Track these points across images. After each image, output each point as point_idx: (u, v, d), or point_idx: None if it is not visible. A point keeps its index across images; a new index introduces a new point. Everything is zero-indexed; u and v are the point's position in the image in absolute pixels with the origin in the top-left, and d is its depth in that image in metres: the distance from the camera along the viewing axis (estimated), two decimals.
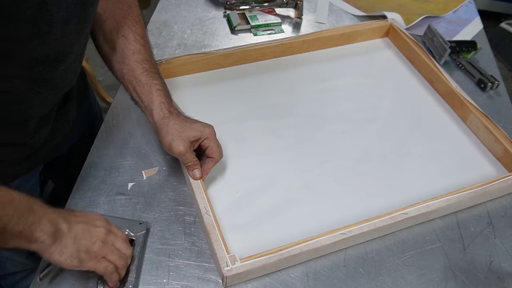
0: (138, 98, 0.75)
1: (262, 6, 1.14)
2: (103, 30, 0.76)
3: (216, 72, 0.98)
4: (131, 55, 0.75)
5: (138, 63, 0.75)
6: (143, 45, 0.77)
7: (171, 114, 0.72)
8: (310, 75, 1.00)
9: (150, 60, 0.77)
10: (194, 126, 0.72)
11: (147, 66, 0.75)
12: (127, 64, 0.75)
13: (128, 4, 0.78)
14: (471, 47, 1.05)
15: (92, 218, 0.62)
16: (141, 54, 0.76)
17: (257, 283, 0.66)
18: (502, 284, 0.68)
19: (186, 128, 0.71)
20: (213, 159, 0.74)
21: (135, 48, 0.75)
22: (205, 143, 0.73)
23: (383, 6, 1.20)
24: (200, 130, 0.72)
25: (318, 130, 0.88)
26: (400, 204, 0.73)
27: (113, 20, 0.76)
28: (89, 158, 0.80)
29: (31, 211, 0.54)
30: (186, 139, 0.70)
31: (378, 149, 0.85)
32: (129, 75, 0.75)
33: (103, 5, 0.76)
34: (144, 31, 0.79)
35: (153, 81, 0.74)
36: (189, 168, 0.72)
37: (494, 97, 0.97)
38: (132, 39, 0.76)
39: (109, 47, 0.76)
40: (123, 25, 0.76)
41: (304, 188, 0.78)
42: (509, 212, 0.77)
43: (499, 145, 0.83)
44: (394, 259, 0.70)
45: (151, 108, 0.73)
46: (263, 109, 0.91)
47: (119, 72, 0.76)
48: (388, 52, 1.07)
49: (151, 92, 0.73)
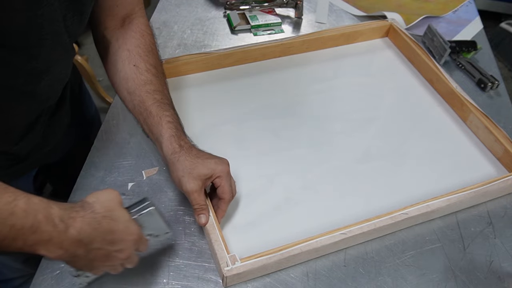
0: (149, 130, 0.71)
1: (262, 6, 1.14)
2: (114, 60, 0.74)
3: (216, 72, 0.98)
4: (142, 86, 0.72)
5: (149, 94, 0.71)
6: (155, 75, 0.74)
7: (182, 148, 0.67)
8: (310, 75, 1.00)
9: (162, 90, 0.73)
10: (206, 163, 0.67)
11: (158, 97, 0.71)
12: (138, 95, 0.71)
13: (141, 32, 0.76)
14: (471, 47, 1.05)
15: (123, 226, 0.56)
16: (153, 84, 0.72)
17: (257, 283, 0.66)
18: (502, 284, 0.68)
19: (197, 165, 0.66)
20: (224, 200, 0.69)
21: (146, 79, 0.72)
22: (217, 182, 0.68)
23: (383, 6, 1.20)
24: (212, 168, 0.67)
25: (318, 130, 0.88)
26: (400, 204, 0.73)
27: (125, 49, 0.74)
28: (89, 158, 0.80)
29: (36, 232, 0.49)
30: (197, 177, 0.66)
31: (378, 149, 0.85)
32: (139, 106, 0.71)
33: (115, 33, 0.75)
34: (157, 60, 0.76)
35: (164, 112, 0.70)
36: (195, 211, 0.67)
37: (494, 97, 0.97)
38: (144, 69, 0.73)
39: (121, 77, 0.73)
40: (135, 54, 0.73)
41: (304, 188, 0.78)
42: (509, 212, 0.77)
43: (499, 145, 0.83)
44: (394, 259, 0.70)
45: (161, 141, 0.68)
46: (263, 109, 0.91)
47: (130, 103, 0.73)
48: (388, 52, 1.07)
49: (161, 124, 0.69)
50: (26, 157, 0.75)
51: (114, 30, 0.75)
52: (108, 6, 0.73)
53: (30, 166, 0.81)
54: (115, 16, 0.74)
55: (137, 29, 0.76)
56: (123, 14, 0.75)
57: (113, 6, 0.74)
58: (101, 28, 0.75)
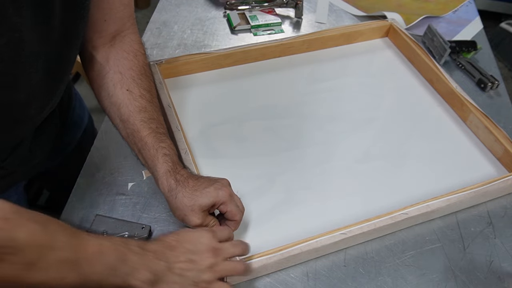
0: (144, 162, 0.68)
1: (262, 6, 1.14)
2: (105, 83, 0.69)
3: (216, 72, 0.98)
4: (136, 113, 0.68)
5: (145, 123, 0.67)
6: (150, 101, 0.70)
7: (178, 184, 0.64)
8: (310, 75, 1.00)
9: (157, 118, 0.70)
10: (206, 192, 0.63)
11: (153, 126, 0.68)
12: (132, 123, 0.68)
13: (134, 52, 0.71)
14: (471, 47, 1.05)
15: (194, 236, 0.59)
16: (148, 112, 0.69)
17: (257, 283, 0.66)
18: (502, 284, 0.68)
19: (197, 199, 0.63)
20: (236, 221, 0.66)
21: (141, 105, 0.68)
22: (222, 209, 0.65)
23: (383, 6, 1.20)
24: (213, 196, 0.63)
25: (318, 130, 0.88)
26: (400, 204, 0.73)
27: (117, 71, 0.69)
28: (89, 158, 0.80)
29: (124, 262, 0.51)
30: (199, 210, 0.63)
31: (378, 149, 0.85)
32: (134, 136, 0.68)
33: (105, 53, 0.70)
34: (151, 83, 0.72)
35: (160, 144, 0.67)
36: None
37: (494, 97, 0.97)
38: (138, 95, 0.69)
39: (112, 103, 0.69)
40: (128, 77, 0.69)
41: (304, 188, 0.78)
42: (509, 212, 0.77)
43: (499, 145, 0.83)
44: (394, 259, 0.70)
45: (157, 177, 0.66)
46: (263, 109, 0.91)
47: (123, 131, 0.69)
48: (388, 52, 1.07)
49: (157, 158, 0.65)
50: (13, 171, 0.72)
51: (103, 49, 0.70)
52: (95, 20, 0.67)
53: (18, 180, 0.77)
54: (103, 32, 0.69)
55: (129, 49, 0.71)
56: (113, 30, 0.70)
57: (101, 21, 0.68)
58: (89, 46, 0.70)
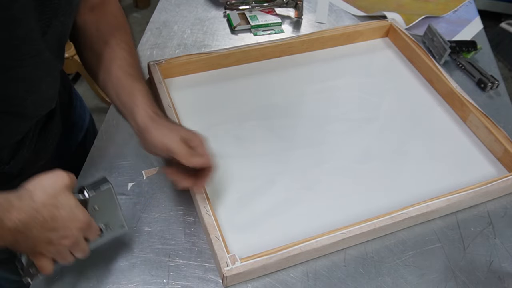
0: (121, 104, 0.70)
1: (262, 6, 1.14)
2: (88, 42, 0.73)
3: (216, 72, 0.98)
4: (114, 62, 0.71)
5: (122, 68, 0.70)
6: (128, 51, 0.73)
7: (158, 115, 0.67)
8: (310, 75, 1.00)
9: (135, 65, 0.73)
10: (185, 128, 0.68)
11: (131, 71, 0.71)
12: (110, 72, 0.70)
13: (114, 14, 0.76)
14: (471, 47, 1.05)
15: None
16: (126, 60, 0.72)
17: (257, 283, 0.66)
18: (502, 284, 0.68)
19: (178, 128, 0.67)
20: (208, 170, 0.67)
21: (120, 55, 0.72)
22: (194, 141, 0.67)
23: (383, 6, 1.20)
24: (192, 132, 0.67)
25: (318, 130, 0.88)
26: (400, 204, 0.73)
27: (95, 30, 0.73)
28: (89, 158, 0.80)
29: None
30: (177, 134, 0.65)
31: (378, 149, 0.85)
32: (112, 81, 0.70)
33: (86, 18, 0.73)
34: (129, 37, 0.75)
35: (136, 84, 0.69)
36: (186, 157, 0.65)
37: (494, 97, 0.97)
38: (116, 46, 0.72)
39: (95, 59, 0.72)
40: (107, 33, 0.73)
41: (304, 188, 0.78)
42: (509, 212, 0.77)
43: (499, 145, 0.83)
44: (394, 259, 0.70)
45: (134, 111, 0.67)
46: (263, 109, 0.91)
47: (103, 82, 0.72)
48: (388, 52, 1.07)
49: (134, 94, 0.68)
50: (19, 174, 0.72)
51: (85, 15, 0.72)
52: None
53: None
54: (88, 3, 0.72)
55: (109, 11, 0.75)
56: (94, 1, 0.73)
57: None
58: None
